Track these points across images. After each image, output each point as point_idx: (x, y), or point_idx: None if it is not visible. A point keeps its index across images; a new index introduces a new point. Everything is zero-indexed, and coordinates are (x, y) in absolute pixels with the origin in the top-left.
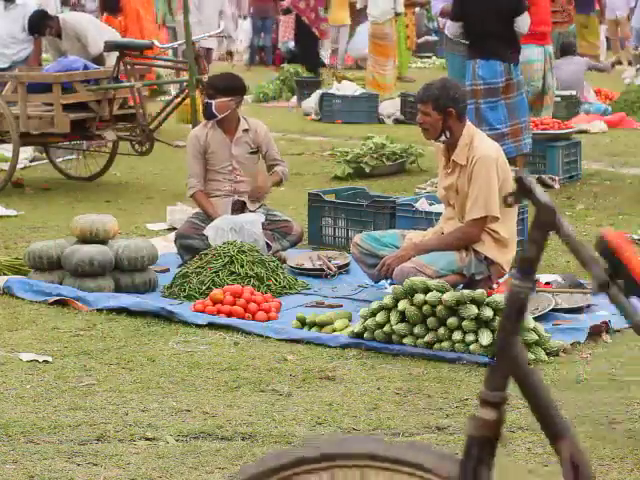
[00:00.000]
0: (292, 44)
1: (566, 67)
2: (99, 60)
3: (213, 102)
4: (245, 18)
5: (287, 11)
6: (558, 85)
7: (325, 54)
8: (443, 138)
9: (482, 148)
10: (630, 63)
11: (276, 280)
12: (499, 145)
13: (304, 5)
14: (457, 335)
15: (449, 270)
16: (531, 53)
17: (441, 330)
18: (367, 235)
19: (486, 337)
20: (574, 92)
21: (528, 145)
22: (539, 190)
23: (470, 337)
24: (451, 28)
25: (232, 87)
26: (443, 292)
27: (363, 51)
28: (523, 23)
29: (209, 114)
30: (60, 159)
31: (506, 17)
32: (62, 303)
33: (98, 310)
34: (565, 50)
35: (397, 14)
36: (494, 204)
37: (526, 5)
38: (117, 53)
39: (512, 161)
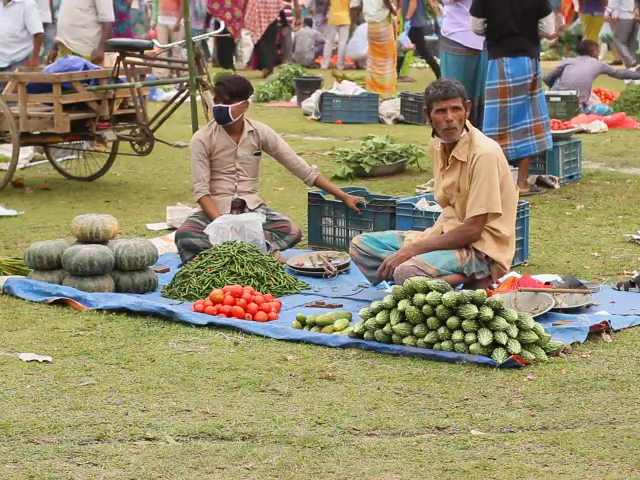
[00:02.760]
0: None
1: (579, 67)
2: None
3: (230, 107)
4: None
5: None
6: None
7: (245, 52)
8: (464, 133)
9: (483, 146)
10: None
11: (276, 280)
12: (523, 140)
13: (218, 6)
14: (457, 335)
15: (449, 269)
16: None
17: (441, 330)
18: (366, 237)
19: (486, 337)
20: (574, 92)
21: (550, 142)
22: None
23: (470, 337)
24: (473, 24)
25: (244, 90)
26: (443, 292)
27: (361, 51)
28: (549, 24)
29: (224, 119)
30: (60, 159)
31: (532, 17)
32: (62, 303)
33: (98, 310)
34: (582, 49)
35: (392, 12)
36: (496, 201)
37: (553, 6)
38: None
39: (534, 157)
